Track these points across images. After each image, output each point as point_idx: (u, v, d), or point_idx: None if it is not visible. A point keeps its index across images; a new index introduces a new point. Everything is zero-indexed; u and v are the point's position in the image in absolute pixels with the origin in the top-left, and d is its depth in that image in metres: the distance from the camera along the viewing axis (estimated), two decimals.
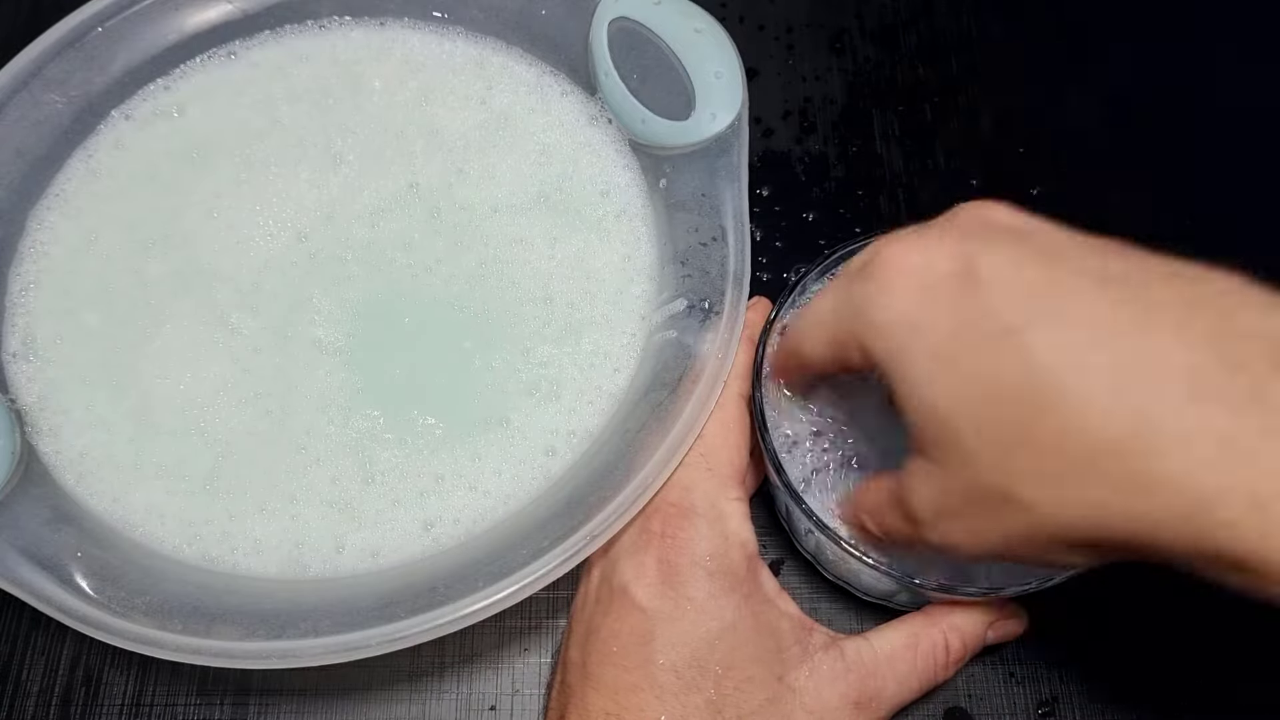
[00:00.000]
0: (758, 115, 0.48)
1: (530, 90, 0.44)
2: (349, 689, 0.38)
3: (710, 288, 0.37)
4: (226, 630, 0.33)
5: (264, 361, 0.39)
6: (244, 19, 0.44)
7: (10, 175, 0.40)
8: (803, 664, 0.33)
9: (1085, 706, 0.37)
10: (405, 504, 0.37)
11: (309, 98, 0.44)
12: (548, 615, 0.39)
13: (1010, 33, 0.49)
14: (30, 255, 0.41)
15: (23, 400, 0.38)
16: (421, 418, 0.38)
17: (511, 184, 0.42)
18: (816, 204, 0.46)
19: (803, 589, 0.39)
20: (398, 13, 0.45)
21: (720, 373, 0.36)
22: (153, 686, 0.38)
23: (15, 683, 0.38)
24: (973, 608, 0.35)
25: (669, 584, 0.33)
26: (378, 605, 0.33)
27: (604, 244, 0.41)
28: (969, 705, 0.37)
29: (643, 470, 0.34)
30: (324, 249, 0.41)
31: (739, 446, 0.36)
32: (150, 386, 0.39)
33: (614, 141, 0.42)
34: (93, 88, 0.42)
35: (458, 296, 0.40)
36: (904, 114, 0.48)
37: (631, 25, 0.41)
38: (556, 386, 0.39)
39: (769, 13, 0.50)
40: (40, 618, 0.34)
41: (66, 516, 0.36)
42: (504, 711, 0.38)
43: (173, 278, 0.41)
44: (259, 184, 0.42)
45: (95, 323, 0.40)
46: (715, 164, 0.39)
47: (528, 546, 0.34)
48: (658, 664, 0.32)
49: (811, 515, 0.33)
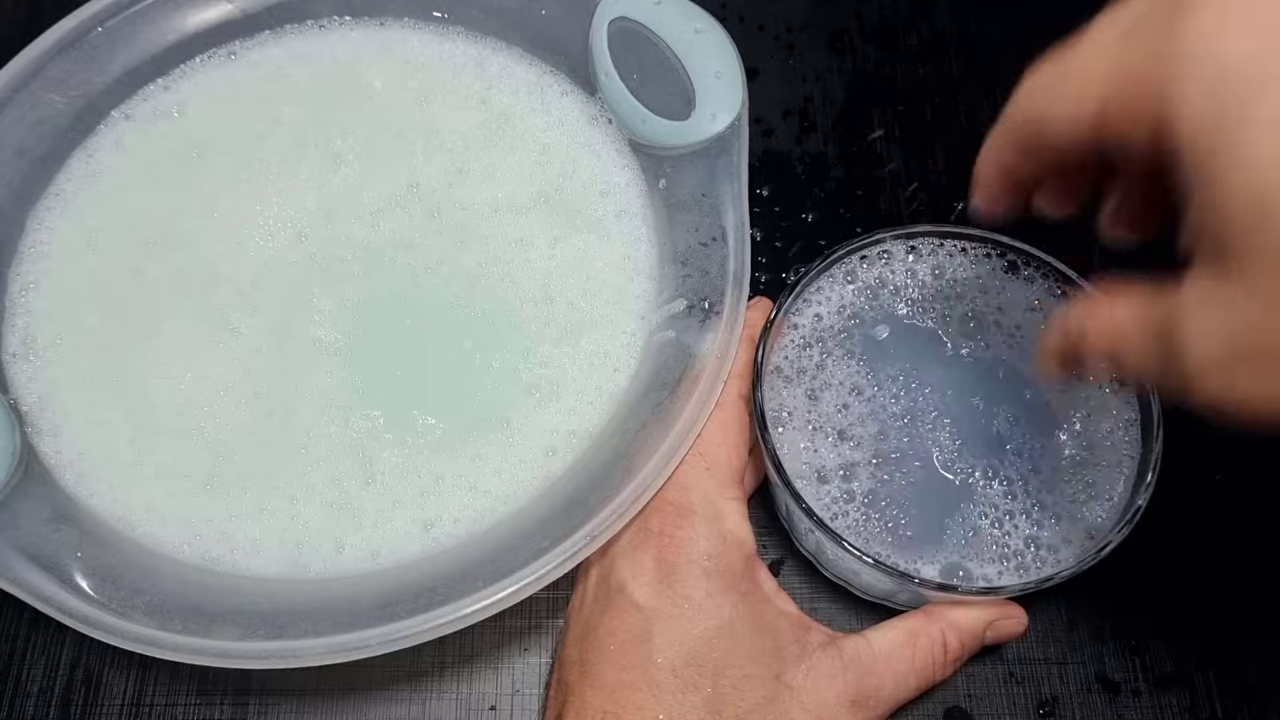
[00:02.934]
0: (758, 115, 0.48)
1: (530, 90, 0.44)
2: (349, 689, 0.38)
3: (710, 288, 0.37)
4: (226, 630, 0.33)
5: (264, 361, 0.39)
6: (244, 19, 0.44)
7: (10, 175, 0.41)
8: (800, 662, 0.33)
9: (1085, 706, 0.37)
10: (405, 504, 0.37)
11: (309, 98, 0.44)
12: (548, 615, 0.39)
13: (1010, 33, 0.49)
14: (30, 255, 0.41)
15: (23, 400, 0.38)
16: (421, 418, 0.38)
17: (511, 184, 0.42)
18: (816, 204, 0.46)
19: (802, 588, 0.39)
20: (398, 13, 0.45)
21: (720, 373, 0.36)
22: (153, 686, 0.38)
23: (15, 683, 0.38)
24: (972, 607, 0.35)
25: (666, 583, 0.33)
26: (378, 605, 0.33)
27: (604, 244, 0.41)
28: (969, 705, 0.37)
29: (643, 470, 0.34)
30: (324, 249, 0.41)
31: (738, 446, 0.36)
32: (150, 386, 0.39)
33: (614, 141, 0.42)
34: (93, 87, 0.42)
35: (458, 296, 0.40)
36: (904, 114, 0.48)
37: (631, 25, 0.41)
38: (556, 386, 0.39)
39: (769, 13, 0.50)
40: (40, 618, 0.34)
41: (66, 516, 0.36)
42: (504, 711, 0.38)
43: (173, 278, 0.41)
44: (259, 184, 0.42)
45: (95, 323, 0.40)
46: (715, 164, 0.39)
47: (528, 547, 0.34)
48: (655, 663, 0.32)
49: (812, 515, 0.33)
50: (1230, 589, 0.38)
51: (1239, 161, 0.19)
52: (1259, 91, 0.19)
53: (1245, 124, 0.19)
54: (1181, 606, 0.38)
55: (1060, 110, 0.23)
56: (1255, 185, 0.19)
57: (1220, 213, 0.20)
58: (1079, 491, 0.35)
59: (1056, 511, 0.35)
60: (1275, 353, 0.20)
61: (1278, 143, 0.19)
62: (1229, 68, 0.19)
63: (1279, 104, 0.19)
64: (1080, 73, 0.22)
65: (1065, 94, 0.23)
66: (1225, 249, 0.20)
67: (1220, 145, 0.19)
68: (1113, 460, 0.35)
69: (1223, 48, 0.20)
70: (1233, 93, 0.19)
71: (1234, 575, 0.38)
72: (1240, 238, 0.19)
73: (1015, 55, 0.25)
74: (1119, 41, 0.22)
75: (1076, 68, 0.22)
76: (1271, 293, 0.19)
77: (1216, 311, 0.20)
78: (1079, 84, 0.22)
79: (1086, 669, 0.38)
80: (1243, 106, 0.19)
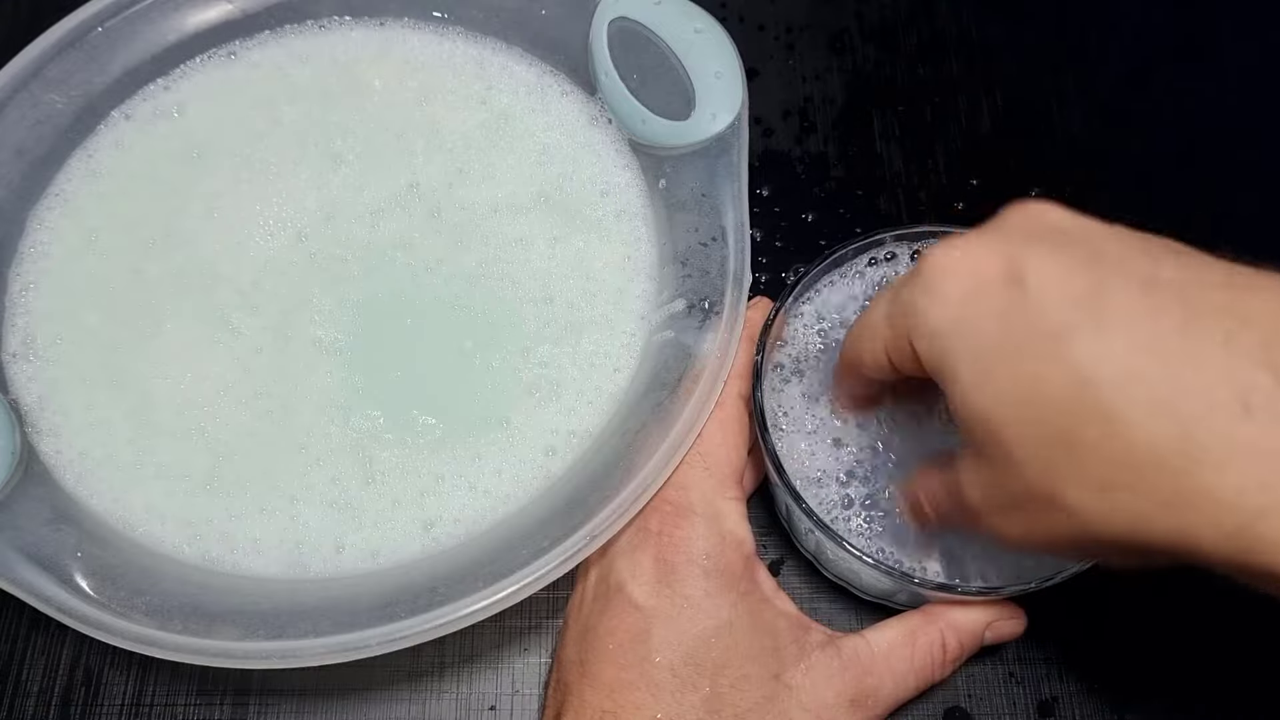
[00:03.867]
0: (758, 115, 0.48)
1: (530, 90, 0.44)
2: (349, 689, 0.38)
3: (710, 288, 0.37)
4: (226, 630, 0.33)
5: (264, 361, 0.39)
6: (244, 19, 0.44)
7: (10, 175, 0.41)
8: (799, 662, 0.33)
9: (1085, 706, 0.37)
10: (405, 504, 0.37)
11: (309, 98, 0.44)
12: (548, 615, 0.39)
13: (1010, 33, 0.49)
14: (30, 255, 0.41)
15: (23, 400, 0.38)
16: (421, 418, 0.38)
17: (512, 184, 0.42)
18: (816, 204, 0.46)
19: (802, 588, 0.39)
20: (398, 13, 0.45)
21: (720, 373, 0.36)
22: (153, 686, 0.38)
23: (15, 683, 0.38)
24: (971, 607, 0.35)
25: (665, 583, 0.33)
26: (378, 605, 0.33)
27: (604, 244, 0.41)
28: (969, 705, 0.37)
29: (643, 470, 0.34)
30: (324, 249, 0.41)
31: (737, 446, 0.36)
32: (150, 386, 0.39)
33: (614, 141, 0.42)
34: (93, 88, 0.42)
35: (458, 296, 0.40)
36: (904, 114, 0.48)
37: (631, 25, 0.41)
38: (556, 386, 0.39)
39: (769, 13, 0.50)
40: (40, 618, 0.34)
41: (66, 516, 0.36)
42: (504, 711, 0.38)
43: (173, 278, 0.41)
44: (259, 184, 0.42)
45: (95, 323, 0.40)
46: (715, 164, 0.39)
47: (528, 546, 0.34)
48: (654, 662, 0.32)
49: (812, 515, 0.33)
50: (1230, 588, 0.38)
51: (960, 392, 0.27)
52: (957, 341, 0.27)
53: (957, 365, 0.27)
54: (1181, 606, 0.38)
55: (866, 358, 0.31)
56: (975, 410, 0.27)
57: (962, 423, 0.27)
58: None
59: None
60: (1010, 508, 0.27)
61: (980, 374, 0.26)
62: (938, 325, 0.27)
63: (975, 345, 0.27)
64: (870, 335, 0.31)
65: (866, 347, 0.31)
66: (969, 439, 0.28)
67: (948, 379, 0.27)
68: None
69: (930, 310, 0.28)
70: (943, 338, 0.27)
71: None
72: (978, 442, 0.27)
73: (1015, 55, 0.25)
74: (884, 310, 0.30)
75: (868, 330, 0.31)
76: (1002, 475, 0.27)
77: (979, 479, 0.28)
78: (870, 341, 0.31)
79: (1086, 669, 0.38)
80: (949, 352, 0.27)
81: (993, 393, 0.26)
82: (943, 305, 0.27)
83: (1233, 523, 0.23)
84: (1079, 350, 0.25)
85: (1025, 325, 0.26)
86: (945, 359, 0.27)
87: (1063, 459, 0.25)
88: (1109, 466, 0.24)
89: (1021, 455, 0.26)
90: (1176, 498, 0.23)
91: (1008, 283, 0.26)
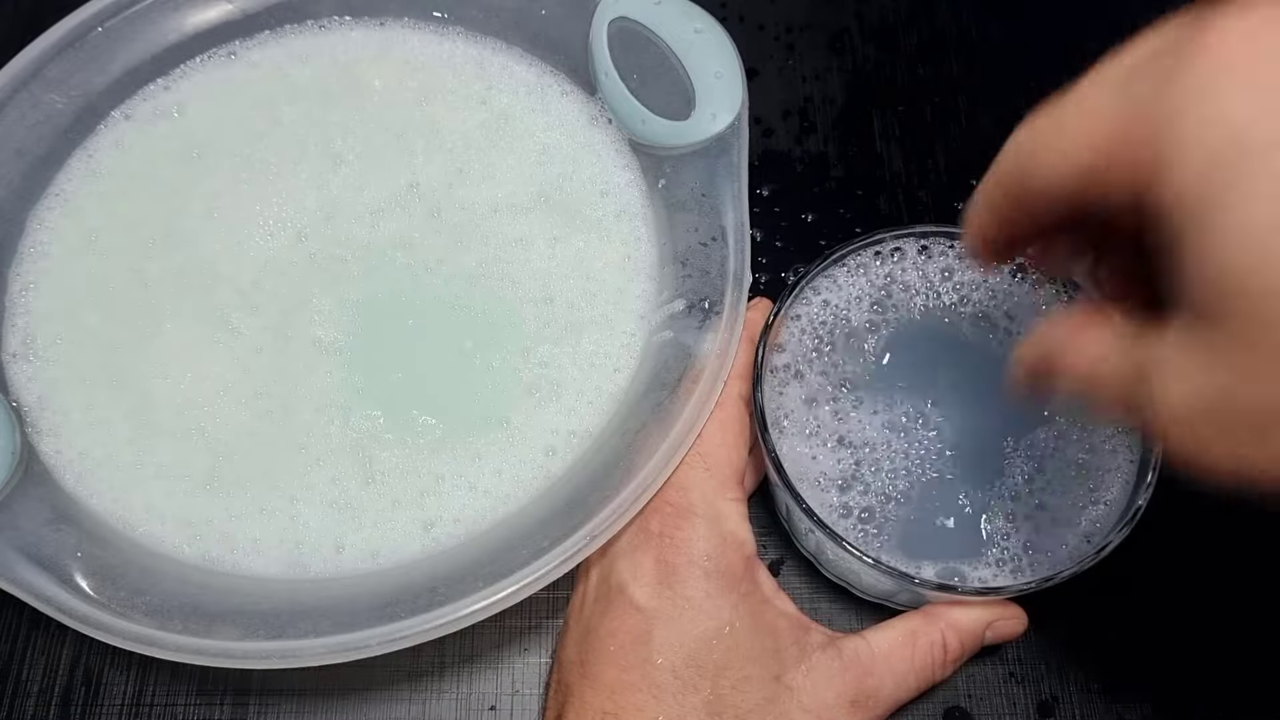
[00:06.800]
0: (758, 115, 0.48)
1: (530, 90, 0.44)
2: (349, 689, 0.38)
3: (710, 288, 0.37)
4: (226, 630, 0.33)
5: (264, 361, 0.39)
6: (244, 19, 0.44)
7: (10, 175, 0.41)
8: (800, 663, 0.33)
9: (1085, 706, 0.37)
10: (405, 504, 0.37)
11: (309, 98, 0.44)
12: (548, 615, 0.39)
13: (1010, 33, 0.49)
14: (30, 255, 0.41)
15: (23, 400, 0.38)
16: (421, 418, 0.38)
17: (512, 184, 0.42)
18: (816, 204, 0.46)
19: (802, 589, 0.39)
20: (398, 13, 0.45)
21: (720, 373, 0.36)
22: (153, 686, 0.38)
23: (15, 683, 0.38)
24: (971, 607, 0.35)
25: (666, 584, 0.33)
26: (378, 605, 0.33)
27: (604, 244, 0.41)
28: (969, 705, 0.37)
29: (643, 470, 0.34)
30: (324, 249, 0.41)
31: (737, 446, 0.36)
32: (150, 386, 0.39)
33: (614, 141, 0.42)
34: (93, 88, 0.42)
35: (458, 296, 0.40)
36: (904, 114, 0.48)
37: (631, 25, 0.41)
38: (556, 386, 0.39)
39: (769, 13, 0.50)
40: (40, 618, 0.34)
41: (66, 516, 0.36)
42: (504, 711, 0.38)
43: (173, 278, 0.41)
44: (259, 184, 0.42)
45: (95, 323, 0.40)
46: (715, 164, 0.39)
47: (528, 546, 0.34)
48: (655, 663, 0.32)
49: (812, 515, 0.33)
50: (1231, 588, 0.38)
51: (1230, 225, 0.19)
52: (1257, 155, 0.18)
53: (1240, 189, 0.18)
54: (1182, 606, 0.38)
55: (1048, 162, 0.22)
56: (1243, 252, 0.18)
57: (1205, 276, 0.19)
58: (1079, 492, 0.35)
59: (1057, 512, 0.35)
60: (1240, 421, 0.19)
61: (1271, 211, 0.18)
62: (1226, 129, 0.19)
63: (1275, 169, 0.18)
64: (1071, 126, 0.22)
65: (1054, 146, 0.22)
66: (1207, 312, 0.19)
67: (1212, 208, 0.19)
68: (1113, 461, 0.35)
69: (1220, 108, 0.19)
70: (1229, 155, 0.19)
71: (1234, 575, 0.38)
72: (1221, 304, 0.19)
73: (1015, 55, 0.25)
74: (1112, 96, 0.21)
75: (1068, 120, 0.22)
76: (1246, 360, 0.19)
77: (1192, 370, 0.20)
78: (1068, 137, 0.22)
79: (1086, 669, 0.38)
80: (1238, 171, 0.19)
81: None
82: (1233, 100, 0.19)
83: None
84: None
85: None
86: (1211, 176, 0.19)
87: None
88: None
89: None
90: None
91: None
